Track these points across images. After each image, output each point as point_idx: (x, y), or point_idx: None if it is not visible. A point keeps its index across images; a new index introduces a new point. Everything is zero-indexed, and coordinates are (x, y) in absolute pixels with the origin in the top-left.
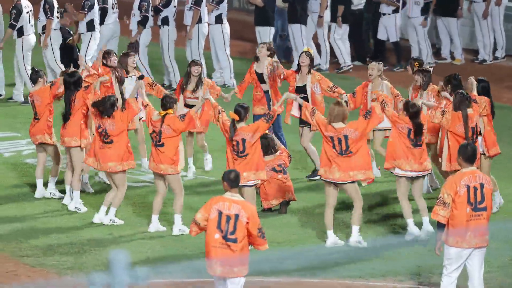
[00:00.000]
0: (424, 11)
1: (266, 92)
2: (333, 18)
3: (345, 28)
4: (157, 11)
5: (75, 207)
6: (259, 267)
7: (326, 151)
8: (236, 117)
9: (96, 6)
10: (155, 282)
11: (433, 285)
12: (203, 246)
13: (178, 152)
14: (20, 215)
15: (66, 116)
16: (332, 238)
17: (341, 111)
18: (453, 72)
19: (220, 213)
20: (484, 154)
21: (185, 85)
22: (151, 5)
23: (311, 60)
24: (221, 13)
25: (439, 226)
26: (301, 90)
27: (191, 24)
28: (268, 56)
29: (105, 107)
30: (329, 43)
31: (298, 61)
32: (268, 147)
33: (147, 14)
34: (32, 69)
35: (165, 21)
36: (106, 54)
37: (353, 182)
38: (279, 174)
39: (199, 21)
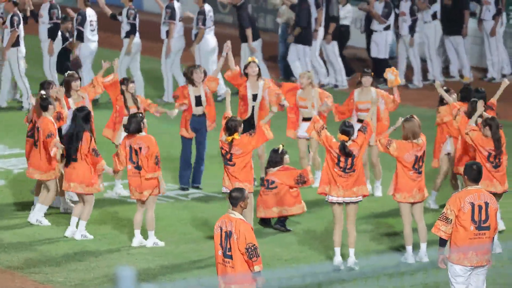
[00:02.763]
0: (411, 29)
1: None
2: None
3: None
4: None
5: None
6: (269, 285)
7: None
8: (346, 138)
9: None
10: None
11: None
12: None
13: (251, 170)
14: (29, 232)
15: (70, 157)
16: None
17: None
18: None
19: (221, 229)
20: (449, 154)
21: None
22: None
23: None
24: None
25: (441, 241)
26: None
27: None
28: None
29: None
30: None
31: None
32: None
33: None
34: (41, 96)
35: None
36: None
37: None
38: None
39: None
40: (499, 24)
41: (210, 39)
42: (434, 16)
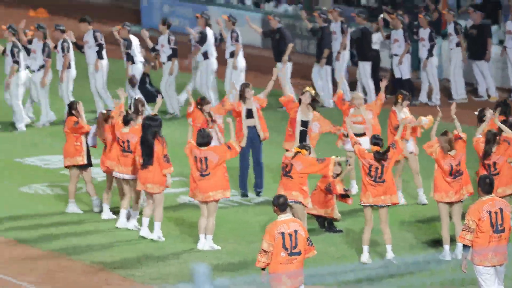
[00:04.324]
0: (430, 52)
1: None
2: (318, 59)
3: (369, 67)
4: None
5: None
6: (325, 280)
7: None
8: (378, 148)
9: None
10: None
11: None
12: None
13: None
14: (111, 234)
15: (148, 162)
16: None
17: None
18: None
19: (283, 234)
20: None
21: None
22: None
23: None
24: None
25: (465, 247)
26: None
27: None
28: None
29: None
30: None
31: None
32: None
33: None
34: (127, 112)
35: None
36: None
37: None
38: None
39: (206, 57)
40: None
41: (241, 58)
42: (458, 44)
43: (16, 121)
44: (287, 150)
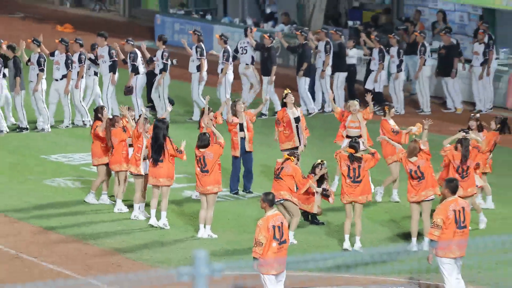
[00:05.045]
0: (398, 67)
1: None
2: (297, 72)
3: (343, 77)
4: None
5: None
6: (307, 265)
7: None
8: (353, 151)
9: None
10: (227, 274)
11: (428, 280)
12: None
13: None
14: (123, 220)
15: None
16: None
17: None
18: (457, 119)
19: (273, 227)
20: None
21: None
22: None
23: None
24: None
25: (432, 242)
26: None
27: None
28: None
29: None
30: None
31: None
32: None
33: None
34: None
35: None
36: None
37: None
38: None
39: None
40: (485, 70)
41: (231, 73)
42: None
43: (42, 123)
44: (283, 151)
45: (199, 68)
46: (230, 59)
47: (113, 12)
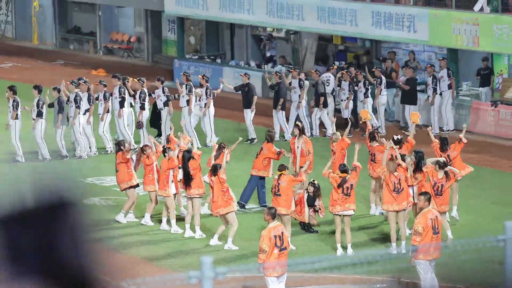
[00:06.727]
0: (365, 94)
1: None
2: (275, 106)
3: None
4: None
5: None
6: (300, 268)
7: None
8: (345, 175)
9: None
10: (230, 276)
11: (409, 279)
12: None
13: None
14: (149, 232)
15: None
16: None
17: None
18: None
19: (275, 236)
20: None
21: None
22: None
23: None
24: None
25: (413, 247)
26: None
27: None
28: None
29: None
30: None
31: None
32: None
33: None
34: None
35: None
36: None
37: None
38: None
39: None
40: (437, 98)
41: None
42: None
43: (79, 151)
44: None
45: (188, 102)
46: (213, 95)
47: (139, 58)
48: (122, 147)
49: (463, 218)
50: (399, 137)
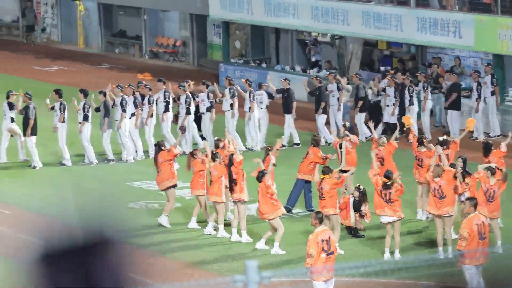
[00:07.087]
0: (410, 101)
1: None
2: (316, 110)
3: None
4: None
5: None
6: (351, 271)
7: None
8: (387, 180)
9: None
10: (276, 281)
11: (453, 283)
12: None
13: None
14: (197, 238)
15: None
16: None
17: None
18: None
19: (322, 241)
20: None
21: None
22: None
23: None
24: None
25: (459, 252)
26: None
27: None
28: None
29: None
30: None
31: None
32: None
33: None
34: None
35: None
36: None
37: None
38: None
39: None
40: (481, 104)
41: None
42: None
43: (126, 155)
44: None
45: (232, 106)
46: (255, 99)
47: (184, 62)
48: (162, 147)
49: (506, 223)
50: (444, 137)
